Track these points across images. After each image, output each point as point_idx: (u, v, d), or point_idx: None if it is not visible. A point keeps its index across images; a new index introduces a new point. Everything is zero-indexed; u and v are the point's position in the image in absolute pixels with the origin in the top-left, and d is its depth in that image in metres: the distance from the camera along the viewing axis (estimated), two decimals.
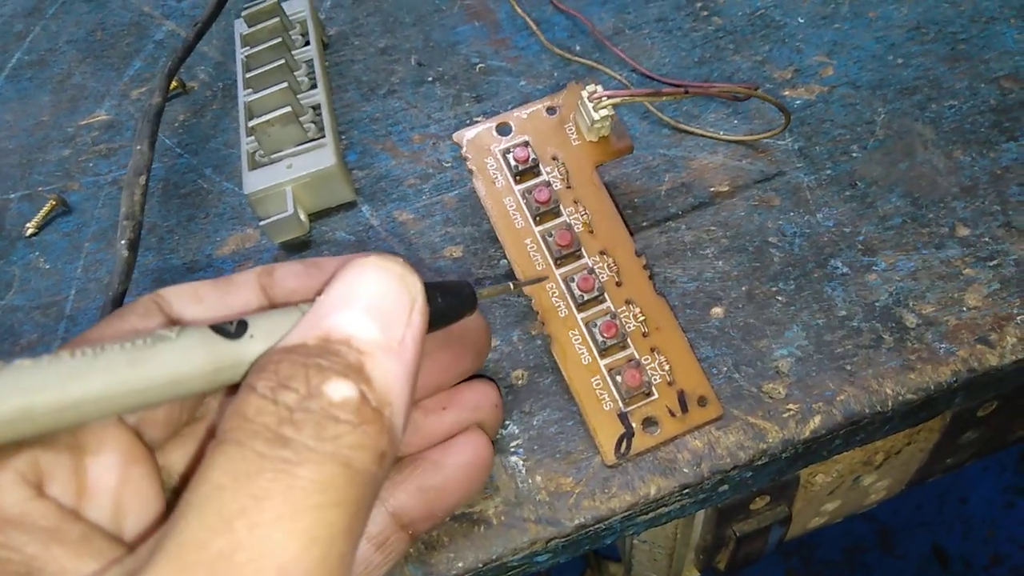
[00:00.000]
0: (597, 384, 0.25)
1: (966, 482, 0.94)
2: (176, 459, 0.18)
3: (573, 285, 0.25)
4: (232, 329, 0.16)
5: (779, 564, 0.92)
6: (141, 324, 0.17)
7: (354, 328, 0.16)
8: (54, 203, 0.32)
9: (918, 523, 0.92)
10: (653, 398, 0.25)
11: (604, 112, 0.26)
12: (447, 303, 0.19)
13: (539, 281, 0.25)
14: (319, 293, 0.17)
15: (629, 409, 0.24)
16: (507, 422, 0.26)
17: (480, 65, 0.35)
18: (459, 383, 0.23)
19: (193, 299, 0.19)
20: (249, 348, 0.16)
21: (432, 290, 0.18)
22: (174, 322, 0.18)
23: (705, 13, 0.35)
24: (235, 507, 0.13)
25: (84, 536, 0.15)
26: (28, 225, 0.32)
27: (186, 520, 0.13)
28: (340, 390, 0.15)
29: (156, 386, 0.15)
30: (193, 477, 0.14)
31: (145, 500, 0.17)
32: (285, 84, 0.30)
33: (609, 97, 0.25)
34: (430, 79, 0.34)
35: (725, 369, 0.26)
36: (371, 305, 0.16)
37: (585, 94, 0.26)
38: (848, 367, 0.25)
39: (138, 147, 0.29)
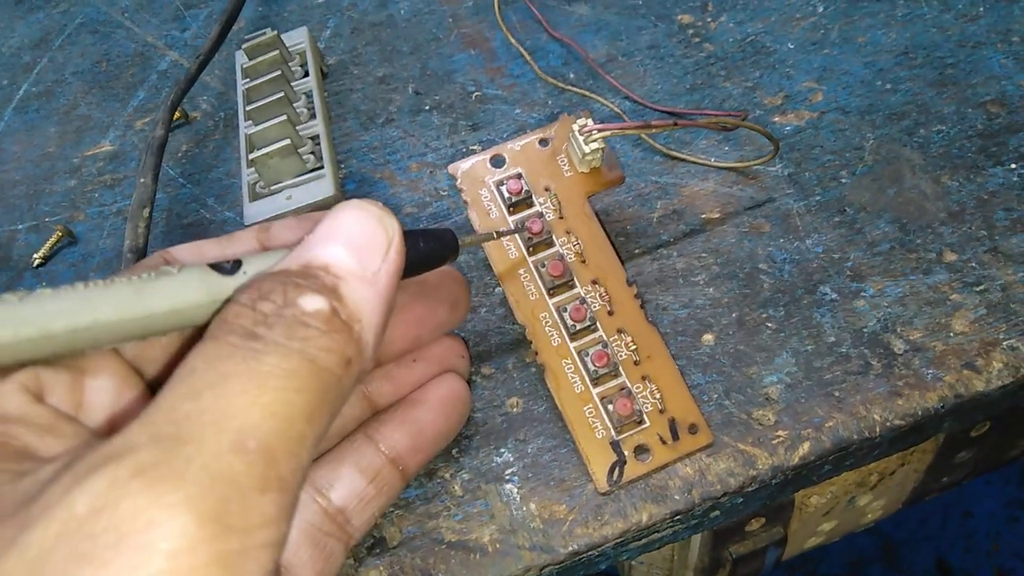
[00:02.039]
0: (590, 412, 0.25)
1: (970, 496, 0.94)
2: None
3: (566, 315, 0.26)
4: (228, 267, 0.18)
5: None
6: None
7: (332, 258, 0.17)
8: (60, 234, 0.33)
9: (922, 537, 0.92)
10: (645, 426, 0.25)
11: (595, 145, 0.26)
12: (430, 247, 0.21)
13: (519, 231, 0.27)
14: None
15: (621, 437, 0.25)
16: (502, 449, 0.26)
17: (476, 93, 0.35)
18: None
19: (197, 255, 0.21)
20: (242, 283, 0.18)
21: (416, 236, 0.20)
22: None
23: (697, 40, 0.35)
24: (204, 382, 0.15)
25: (77, 433, 0.17)
26: (35, 256, 0.33)
27: (161, 396, 0.15)
28: (313, 302, 0.16)
29: (158, 315, 0.17)
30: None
31: None
32: (284, 117, 0.31)
33: (600, 130, 0.26)
34: (427, 108, 0.35)
35: (716, 396, 0.26)
36: (350, 240, 0.18)
37: (576, 127, 0.26)
38: (836, 393, 0.26)
39: (142, 180, 0.30)
